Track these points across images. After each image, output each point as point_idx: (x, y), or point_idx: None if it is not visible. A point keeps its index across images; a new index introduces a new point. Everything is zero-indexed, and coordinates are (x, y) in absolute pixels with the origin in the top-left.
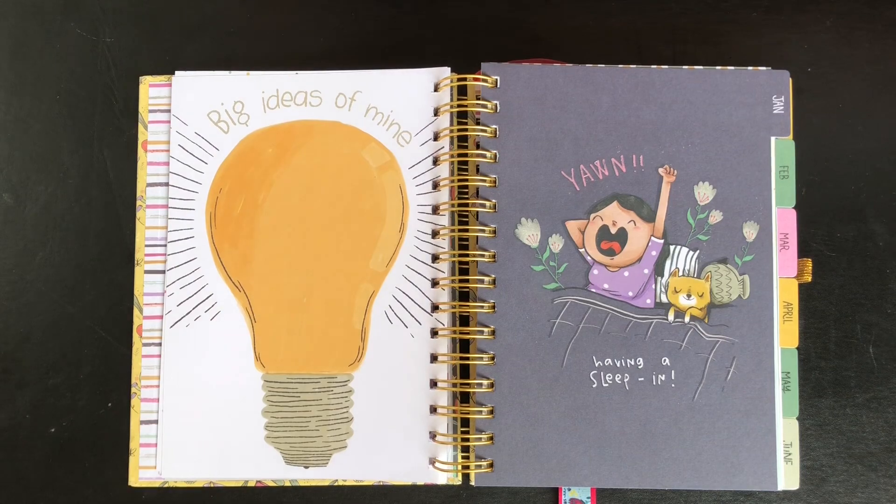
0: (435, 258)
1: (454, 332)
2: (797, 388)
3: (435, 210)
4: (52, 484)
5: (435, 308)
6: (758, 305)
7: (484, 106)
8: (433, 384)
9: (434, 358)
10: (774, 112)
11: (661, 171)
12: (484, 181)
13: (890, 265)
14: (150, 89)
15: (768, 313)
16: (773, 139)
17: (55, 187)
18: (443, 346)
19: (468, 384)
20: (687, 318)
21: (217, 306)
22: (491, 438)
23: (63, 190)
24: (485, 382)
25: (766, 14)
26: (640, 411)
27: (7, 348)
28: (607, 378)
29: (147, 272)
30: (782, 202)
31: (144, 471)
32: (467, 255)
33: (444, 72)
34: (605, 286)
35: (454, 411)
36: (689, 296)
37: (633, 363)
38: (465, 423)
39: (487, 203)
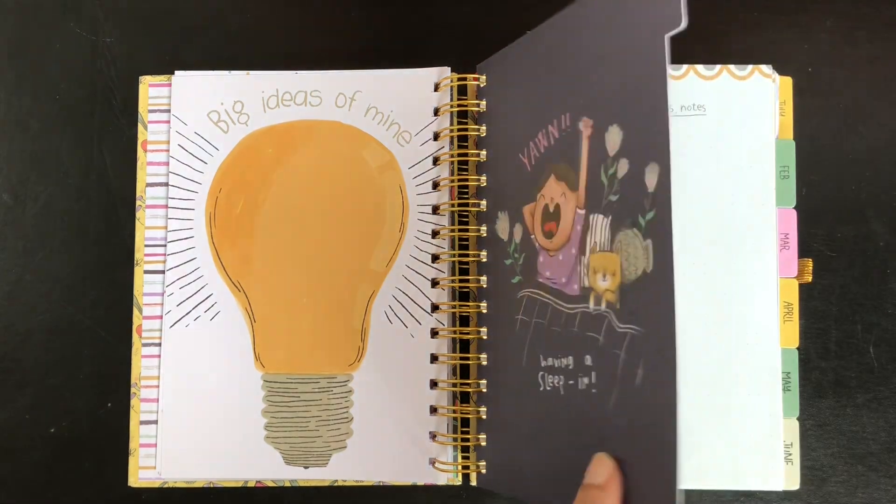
0: (435, 258)
1: (454, 332)
2: (797, 389)
3: (435, 210)
4: (52, 484)
5: (435, 308)
6: (660, 281)
7: (477, 105)
8: (433, 384)
9: (434, 358)
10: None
11: (581, 125)
12: (478, 181)
13: (890, 265)
14: (150, 89)
15: (669, 290)
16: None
17: (55, 187)
18: (443, 346)
19: (468, 384)
20: (603, 305)
21: (217, 306)
22: (486, 440)
23: (63, 190)
24: (482, 383)
25: (766, 14)
26: (568, 420)
27: (7, 348)
28: (549, 381)
29: (147, 272)
30: (782, 202)
31: (144, 471)
32: (467, 255)
33: (444, 72)
34: (548, 274)
35: (454, 411)
36: (604, 276)
37: (565, 363)
38: (465, 423)
39: (482, 203)
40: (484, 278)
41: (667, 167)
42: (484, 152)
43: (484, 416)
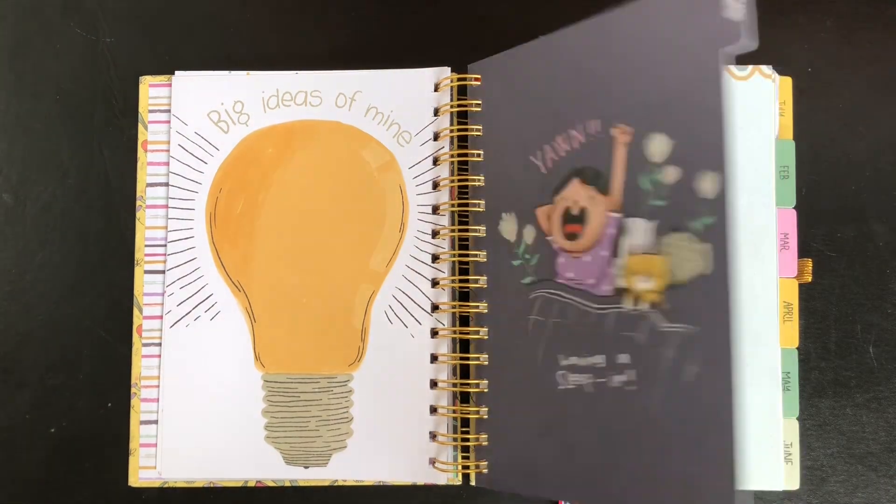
0: (435, 258)
1: (454, 332)
2: (797, 388)
3: (435, 210)
4: (52, 484)
5: (435, 308)
6: (721, 282)
7: (476, 105)
8: (433, 384)
9: (434, 358)
10: (724, 16)
11: (614, 131)
12: (475, 181)
13: (890, 265)
14: (150, 89)
15: (731, 290)
16: (728, 67)
17: (55, 187)
18: (443, 346)
19: (468, 384)
20: (644, 305)
21: (217, 306)
22: (487, 440)
23: (63, 190)
24: (481, 383)
25: (766, 14)
26: (597, 417)
27: (7, 348)
28: (571, 379)
29: (147, 272)
30: (782, 202)
31: (144, 471)
32: (467, 255)
33: (444, 72)
34: (570, 275)
35: (454, 411)
36: (646, 277)
37: (593, 361)
38: (466, 423)
39: (481, 203)
40: (484, 278)
41: (727, 176)
42: (482, 152)
43: (485, 416)
